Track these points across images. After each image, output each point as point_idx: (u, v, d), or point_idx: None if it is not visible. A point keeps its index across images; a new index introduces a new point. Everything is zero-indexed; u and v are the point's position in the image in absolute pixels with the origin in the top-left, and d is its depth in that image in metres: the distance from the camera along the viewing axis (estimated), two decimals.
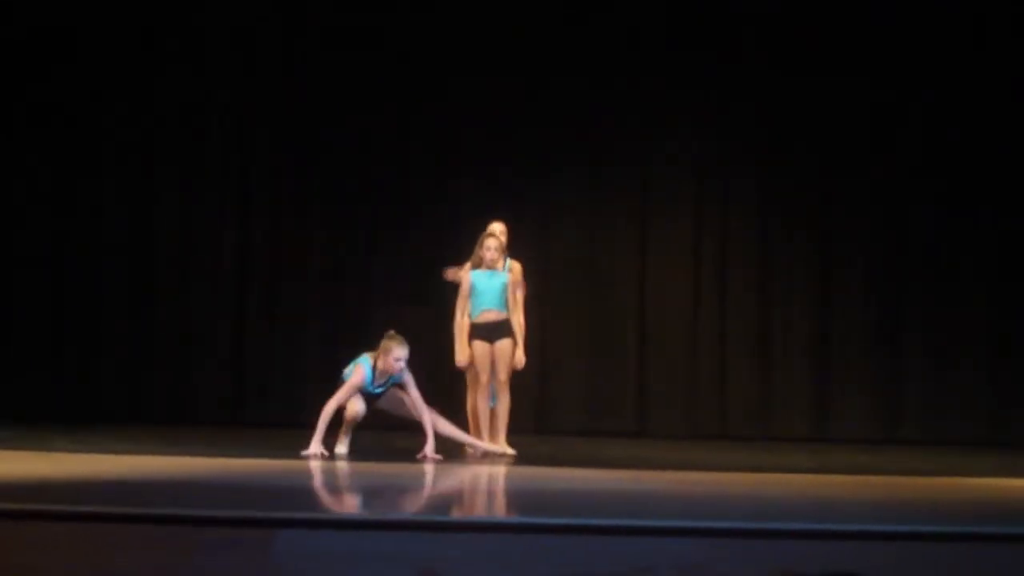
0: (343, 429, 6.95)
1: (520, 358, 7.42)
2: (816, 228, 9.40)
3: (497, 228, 7.52)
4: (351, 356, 8.85)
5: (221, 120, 9.43)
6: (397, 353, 6.88)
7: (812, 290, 9.38)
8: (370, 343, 9.11)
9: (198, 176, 9.40)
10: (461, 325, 7.47)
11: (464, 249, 7.67)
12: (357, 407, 6.91)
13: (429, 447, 6.79)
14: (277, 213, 9.44)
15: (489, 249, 7.37)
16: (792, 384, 9.27)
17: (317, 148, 9.40)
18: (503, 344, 7.35)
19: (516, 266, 7.52)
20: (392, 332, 6.99)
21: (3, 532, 3.83)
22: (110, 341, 9.22)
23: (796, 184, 9.42)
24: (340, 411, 6.90)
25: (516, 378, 7.63)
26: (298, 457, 6.57)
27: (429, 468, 6.55)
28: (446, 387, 8.18)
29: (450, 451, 7.40)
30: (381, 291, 9.30)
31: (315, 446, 6.68)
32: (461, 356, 7.44)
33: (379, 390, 7.00)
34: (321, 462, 6.52)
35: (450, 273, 7.65)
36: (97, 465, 6.08)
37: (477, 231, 7.69)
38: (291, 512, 4.72)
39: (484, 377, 7.36)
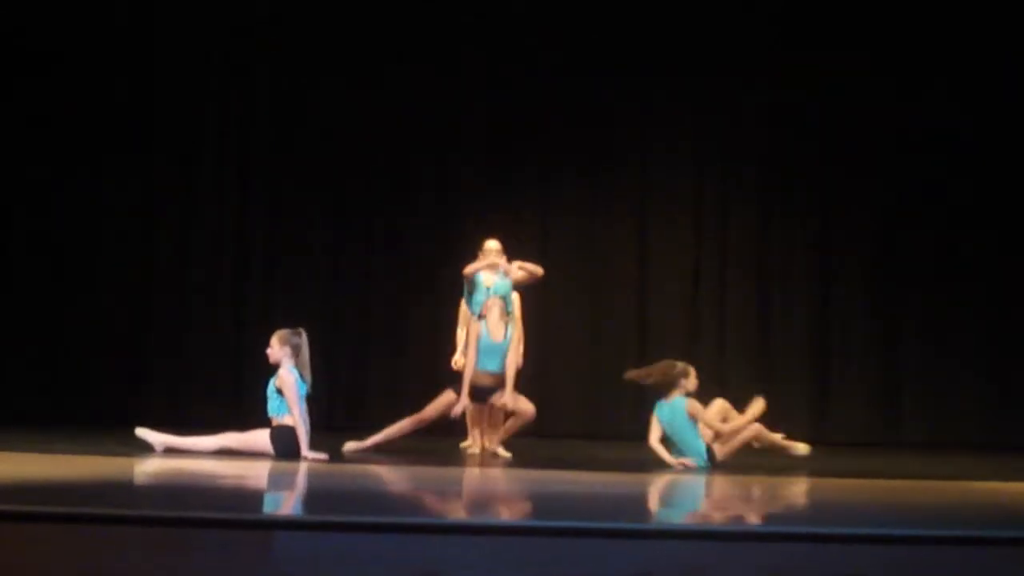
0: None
1: (517, 361, 7.46)
2: (816, 229, 9.40)
3: (493, 246, 7.55)
4: (351, 356, 8.85)
5: (219, 123, 9.43)
6: None
7: (812, 291, 9.38)
8: (370, 342, 9.10)
9: (197, 176, 9.41)
10: (464, 315, 7.52)
11: (461, 248, 7.68)
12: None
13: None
14: (276, 215, 9.44)
15: (490, 252, 7.47)
16: (791, 386, 9.27)
17: (315, 147, 9.39)
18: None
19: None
20: None
21: (1, 533, 3.81)
22: (108, 343, 9.21)
23: (795, 185, 9.42)
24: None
25: (521, 383, 7.64)
26: (303, 459, 6.61)
27: (430, 471, 6.54)
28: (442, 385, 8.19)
29: (449, 452, 7.41)
30: (380, 291, 9.30)
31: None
32: (455, 358, 7.50)
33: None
34: (316, 464, 6.51)
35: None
36: (96, 467, 6.06)
37: (476, 231, 7.71)
38: (289, 514, 4.72)
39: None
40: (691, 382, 7.03)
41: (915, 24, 9.25)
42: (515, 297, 7.59)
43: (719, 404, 7.05)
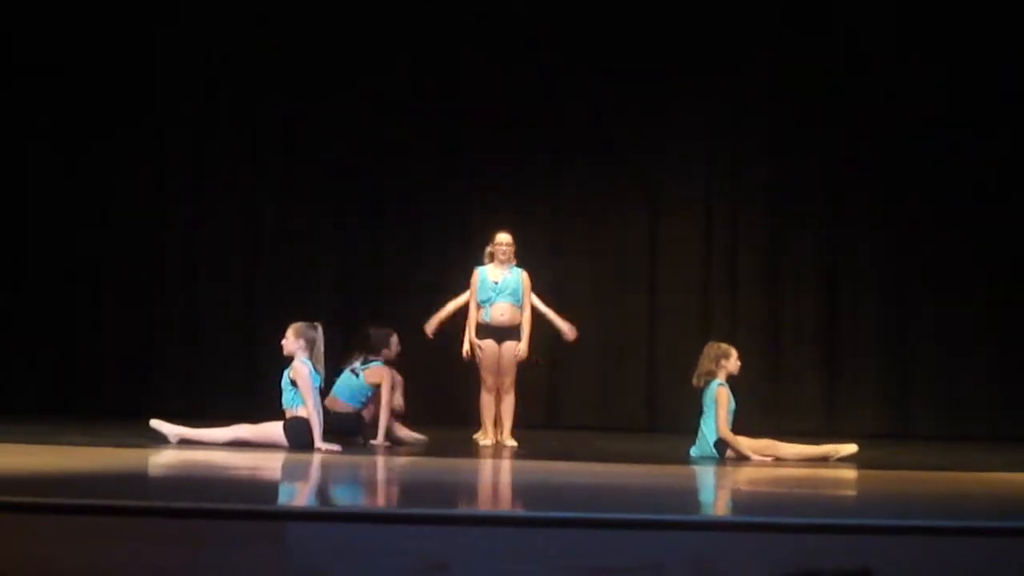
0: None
1: (523, 350, 7.48)
2: (825, 225, 9.34)
3: (504, 238, 7.58)
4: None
5: (230, 117, 9.42)
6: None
7: (822, 285, 9.33)
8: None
9: (207, 171, 9.40)
10: (471, 321, 7.57)
11: (471, 242, 7.68)
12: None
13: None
14: (286, 212, 9.42)
15: (501, 244, 7.48)
16: (802, 378, 9.24)
17: (323, 142, 9.35)
18: (509, 345, 7.44)
19: (524, 274, 7.61)
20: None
21: (16, 525, 3.84)
22: (120, 335, 9.22)
23: (805, 181, 9.36)
24: None
25: (528, 372, 7.65)
26: (314, 450, 6.62)
27: (440, 462, 6.57)
28: (454, 382, 8.21)
29: (460, 445, 7.43)
30: (390, 290, 9.30)
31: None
32: (465, 349, 7.57)
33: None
34: (330, 456, 6.53)
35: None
36: (108, 458, 6.10)
37: (486, 229, 7.71)
38: (302, 505, 4.73)
39: (489, 379, 7.43)
40: (732, 363, 6.97)
41: (923, 24, 9.17)
42: (525, 282, 7.59)
43: (764, 441, 6.93)
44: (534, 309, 7.65)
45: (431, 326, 7.76)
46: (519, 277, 7.58)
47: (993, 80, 9.07)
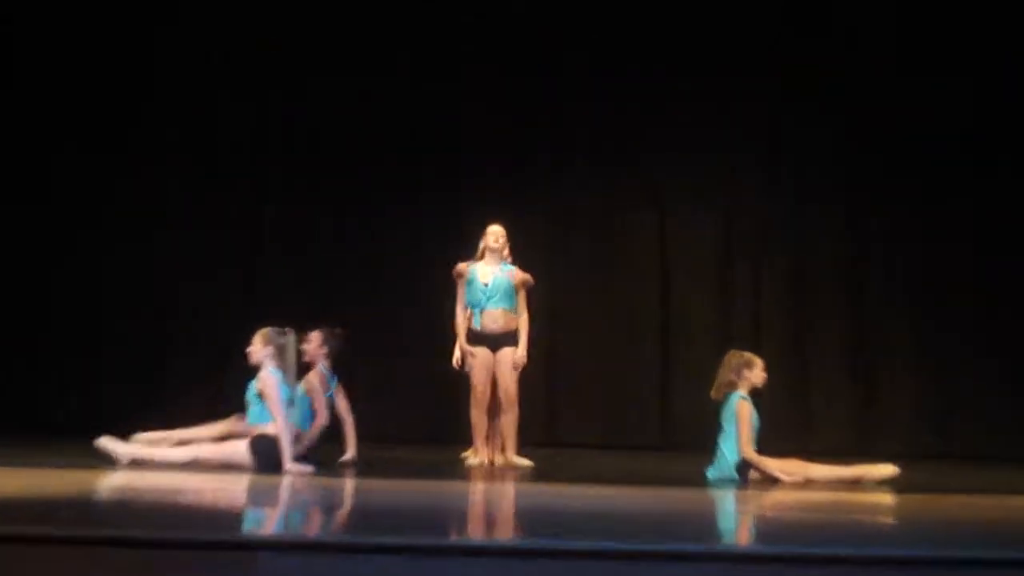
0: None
1: (521, 357, 7.03)
2: (855, 230, 9.24)
3: (496, 229, 7.21)
4: (361, 362, 8.55)
5: (230, 122, 9.53)
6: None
7: (849, 303, 9.35)
8: (378, 346, 8.91)
9: (207, 176, 9.51)
10: (461, 325, 7.13)
11: (470, 248, 7.55)
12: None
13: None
14: (286, 212, 9.48)
15: (493, 233, 7.14)
16: (828, 398, 9.14)
17: (322, 143, 9.45)
18: (506, 352, 6.99)
19: (516, 269, 7.19)
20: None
21: None
22: (120, 334, 9.24)
23: (829, 195, 9.26)
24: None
25: (531, 387, 7.37)
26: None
27: (426, 485, 6.15)
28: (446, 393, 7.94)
29: (447, 466, 6.98)
30: (390, 290, 9.26)
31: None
32: (456, 356, 7.18)
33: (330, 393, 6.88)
34: (308, 479, 6.08)
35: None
36: (72, 482, 5.66)
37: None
38: (275, 534, 4.39)
39: (480, 391, 6.98)
40: (756, 375, 6.49)
41: (924, 23, 9.13)
42: (519, 279, 7.15)
43: (791, 461, 6.49)
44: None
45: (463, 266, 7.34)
46: (511, 276, 7.11)
47: (993, 80, 9.05)
